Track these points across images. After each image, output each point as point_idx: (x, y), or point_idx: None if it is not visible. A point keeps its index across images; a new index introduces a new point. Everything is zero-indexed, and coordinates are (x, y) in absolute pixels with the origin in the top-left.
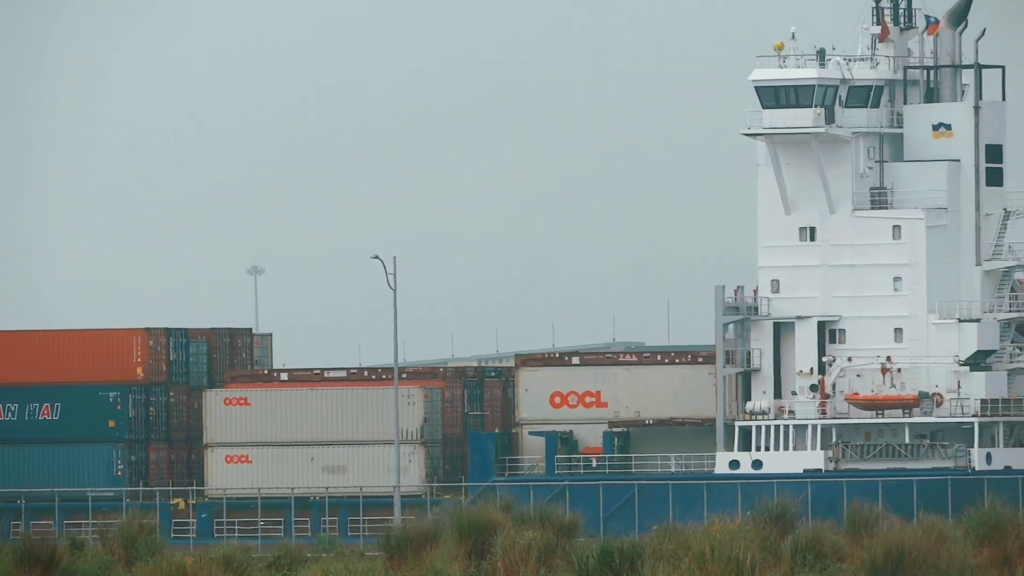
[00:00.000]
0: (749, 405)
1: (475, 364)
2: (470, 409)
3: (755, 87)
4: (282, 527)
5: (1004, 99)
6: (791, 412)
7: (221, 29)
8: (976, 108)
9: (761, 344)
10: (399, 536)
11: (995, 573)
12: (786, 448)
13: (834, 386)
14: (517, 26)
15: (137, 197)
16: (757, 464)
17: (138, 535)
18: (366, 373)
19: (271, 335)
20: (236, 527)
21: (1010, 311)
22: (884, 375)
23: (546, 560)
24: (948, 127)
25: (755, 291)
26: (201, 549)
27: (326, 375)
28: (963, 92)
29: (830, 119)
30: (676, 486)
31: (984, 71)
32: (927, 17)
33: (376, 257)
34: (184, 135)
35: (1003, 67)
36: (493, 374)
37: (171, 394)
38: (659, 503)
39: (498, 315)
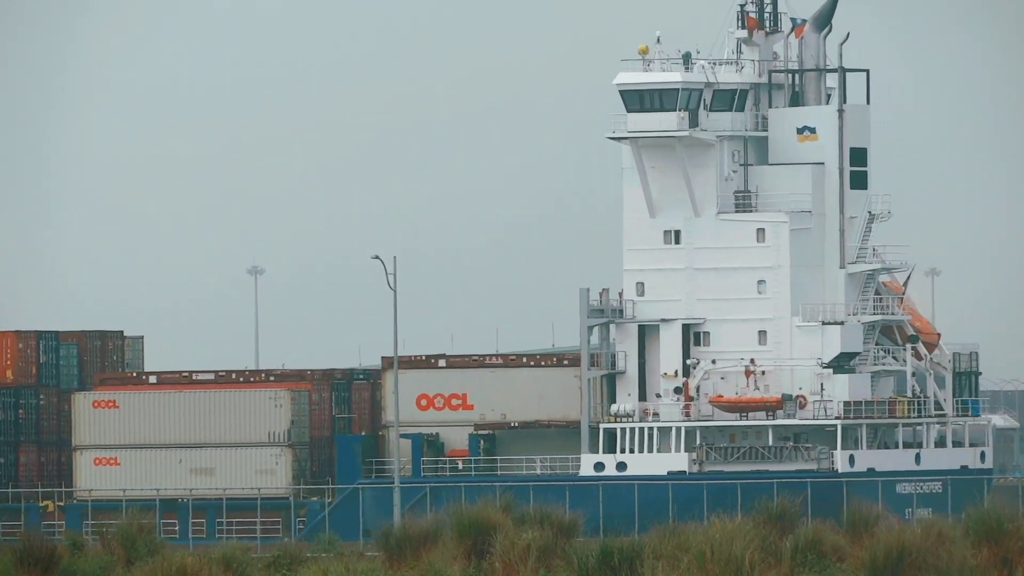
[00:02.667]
0: (614, 407)
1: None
2: (338, 412)
3: (620, 91)
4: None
5: (868, 102)
6: (655, 414)
7: (224, 33)
8: (840, 111)
9: (626, 347)
10: (399, 536)
11: (995, 573)
12: (650, 450)
13: (698, 388)
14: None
15: (136, 197)
16: (621, 466)
17: (137, 535)
18: (234, 376)
19: (142, 337)
20: (105, 529)
21: (874, 314)
22: (748, 377)
23: (545, 560)
24: (813, 130)
25: (620, 294)
26: (201, 549)
27: (194, 378)
28: (828, 96)
29: (694, 123)
30: (537, 487)
31: (848, 75)
32: (793, 20)
33: (376, 257)
34: (185, 136)
35: (867, 71)
36: (361, 376)
37: (41, 397)
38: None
39: (498, 315)
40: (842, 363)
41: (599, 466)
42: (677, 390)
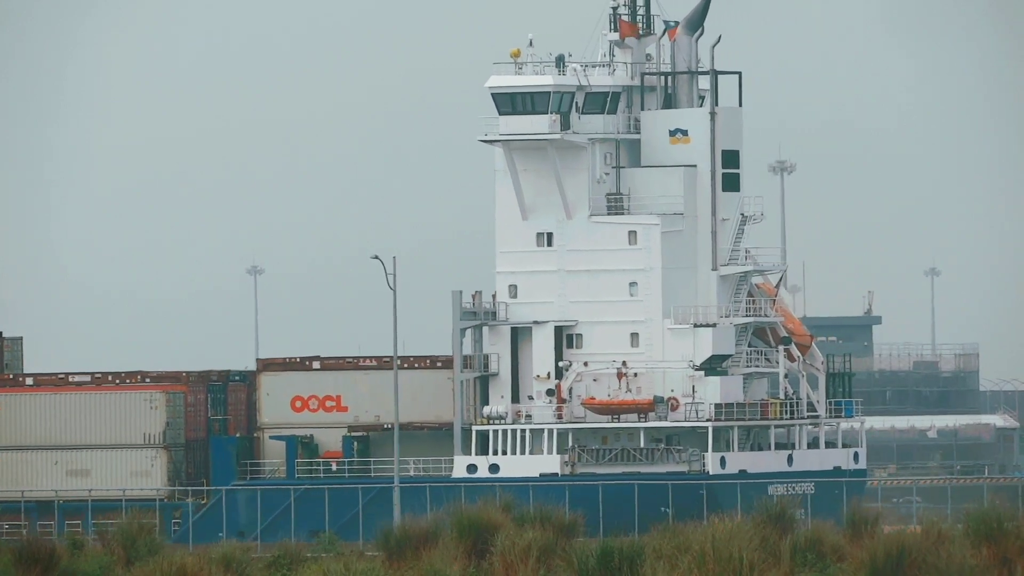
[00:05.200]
0: (486, 409)
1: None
2: (213, 413)
3: (492, 94)
4: (26, 530)
5: (741, 105)
6: (528, 416)
7: (224, 34)
8: (712, 114)
9: (499, 349)
10: (399, 535)
11: (995, 573)
12: (523, 452)
13: (570, 390)
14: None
15: (135, 198)
16: (494, 468)
17: (138, 535)
18: (110, 378)
19: (21, 339)
20: None
21: (746, 316)
22: (620, 380)
23: (545, 560)
24: (685, 133)
25: (493, 296)
26: (200, 549)
27: (71, 380)
28: (701, 98)
29: (566, 126)
30: (408, 489)
31: (721, 77)
32: (666, 22)
33: (376, 257)
34: (185, 138)
35: (740, 73)
36: (237, 378)
37: None
38: (405, 505)
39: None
40: (714, 365)
41: (472, 468)
42: (549, 392)
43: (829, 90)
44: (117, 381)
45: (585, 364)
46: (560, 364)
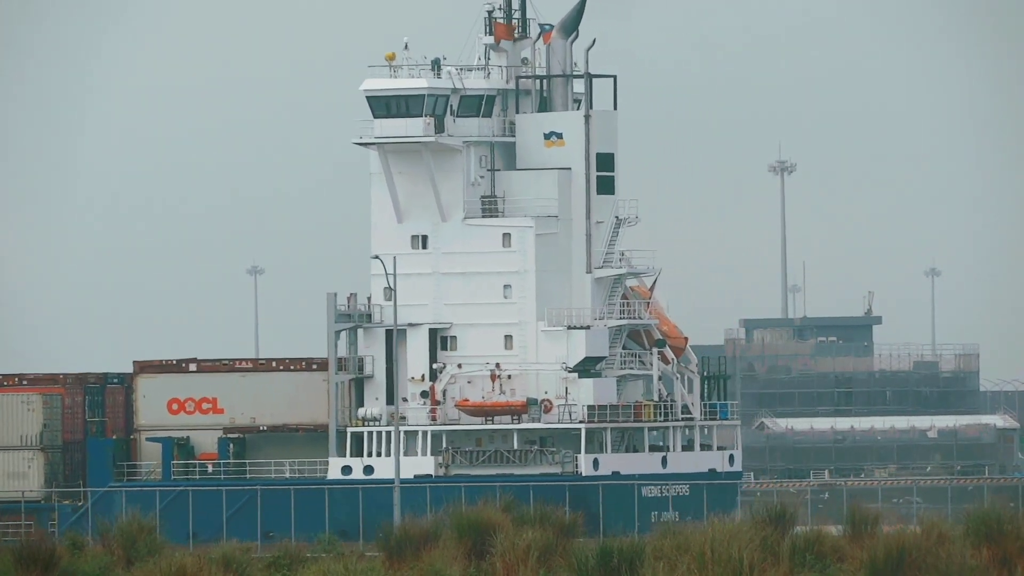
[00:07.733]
0: (361, 411)
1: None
2: (90, 415)
3: (366, 97)
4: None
5: (616, 108)
6: (402, 418)
7: (224, 32)
8: (587, 117)
9: (373, 351)
10: (399, 536)
11: (995, 573)
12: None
13: (444, 392)
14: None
15: (132, 198)
16: (368, 470)
17: (138, 535)
18: None
19: None
20: None
21: (620, 318)
22: (494, 381)
23: (546, 560)
24: (559, 136)
25: (368, 299)
26: (200, 549)
27: None
28: (577, 102)
29: (440, 129)
30: (294, 491)
31: (596, 80)
32: (541, 25)
33: (376, 257)
34: (185, 140)
35: (615, 76)
36: (115, 380)
37: None
38: (278, 507)
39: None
40: (587, 367)
41: (346, 469)
42: (424, 394)
43: (826, 89)
44: None
45: (459, 366)
46: (434, 366)
